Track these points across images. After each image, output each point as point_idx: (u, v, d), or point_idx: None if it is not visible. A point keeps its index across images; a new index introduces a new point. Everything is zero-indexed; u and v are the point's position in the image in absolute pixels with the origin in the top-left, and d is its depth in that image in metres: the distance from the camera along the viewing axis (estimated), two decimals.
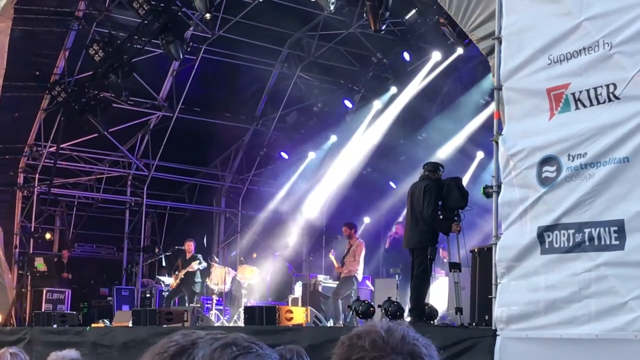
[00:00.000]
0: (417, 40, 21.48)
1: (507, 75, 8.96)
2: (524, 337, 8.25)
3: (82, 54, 21.00)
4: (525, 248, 8.38)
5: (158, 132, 24.34)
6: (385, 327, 2.24)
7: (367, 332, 2.22)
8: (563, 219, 8.08)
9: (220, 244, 26.24)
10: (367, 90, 24.12)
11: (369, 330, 2.23)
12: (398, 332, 2.22)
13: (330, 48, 23.03)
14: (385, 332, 2.21)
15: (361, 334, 2.22)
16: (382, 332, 2.21)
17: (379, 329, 2.22)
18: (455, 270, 12.02)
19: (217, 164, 26.68)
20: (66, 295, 20.82)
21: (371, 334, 2.21)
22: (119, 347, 14.33)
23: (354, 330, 2.28)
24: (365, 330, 2.24)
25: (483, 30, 9.76)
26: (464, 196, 12.35)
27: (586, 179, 7.95)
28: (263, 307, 14.76)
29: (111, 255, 26.14)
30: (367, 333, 2.22)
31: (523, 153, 8.58)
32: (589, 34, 8.12)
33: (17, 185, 22.79)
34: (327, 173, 25.01)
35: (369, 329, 2.24)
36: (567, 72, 8.27)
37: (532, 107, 8.64)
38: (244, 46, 22.79)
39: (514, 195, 8.62)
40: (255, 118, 25.56)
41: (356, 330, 2.28)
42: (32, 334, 16.52)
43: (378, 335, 2.20)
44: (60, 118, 21.89)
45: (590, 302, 7.75)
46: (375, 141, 23.90)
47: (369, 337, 2.20)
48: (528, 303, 8.26)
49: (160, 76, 23.48)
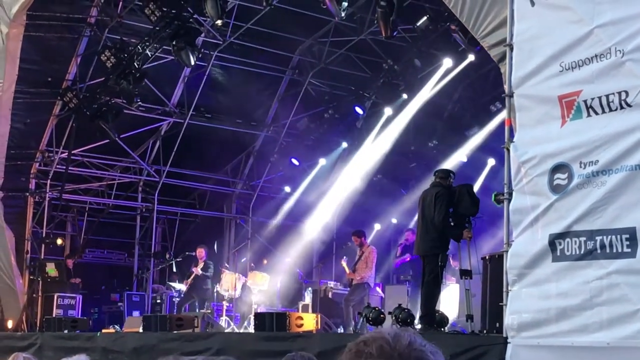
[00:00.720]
0: (429, 47, 21.45)
1: (519, 82, 8.94)
2: (535, 344, 8.22)
3: (93, 60, 21.07)
4: (536, 255, 8.35)
5: (169, 139, 24.39)
6: (392, 333, 2.25)
7: (374, 339, 2.23)
8: (574, 226, 8.05)
9: (231, 250, 26.29)
10: (378, 97, 24.09)
11: (375, 337, 2.24)
12: (405, 338, 2.23)
13: (341, 55, 23.05)
14: (392, 338, 2.22)
15: (368, 341, 2.24)
16: (389, 339, 2.22)
17: (385, 336, 2.23)
18: (466, 277, 11.99)
19: (228, 171, 26.70)
20: (77, 300, 20.86)
21: (378, 341, 2.22)
22: (129, 353, 14.34)
23: (361, 337, 2.29)
24: (372, 337, 2.25)
25: (494, 37, 9.76)
26: (475, 203, 12.33)
27: (598, 187, 7.92)
28: (273, 313, 14.75)
29: (122, 261, 26.19)
30: (374, 340, 2.23)
31: (534, 160, 8.56)
32: (600, 41, 8.10)
33: (29, 190, 22.85)
34: (338, 179, 25.01)
35: (376, 336, 2.25)
36: (579, 79, 8.24)
37: (543, 114, 8.61)
38: (255, 53, 22.83)
39: (526, 203, 8.59)
40: (266, 124, 25.59)
41: (363, 337, 2.29)
42: (43, 340, 16.54)
43: (385, 341, 2.21)
44: (71, 124, 21.96)
45: (601, 310, 7.72)
46: (386, 148, 23.87)
47: (375, 344, 2.21)
48: (539, 310, 8.23)
49: (171, 82, 23.54)
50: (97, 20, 21.09)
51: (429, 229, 12.68)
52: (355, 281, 17.80)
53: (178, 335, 14.26)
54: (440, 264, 12.36)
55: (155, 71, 21.45)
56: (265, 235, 26.15)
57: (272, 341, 12.25)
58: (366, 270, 17.68)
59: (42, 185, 23.32)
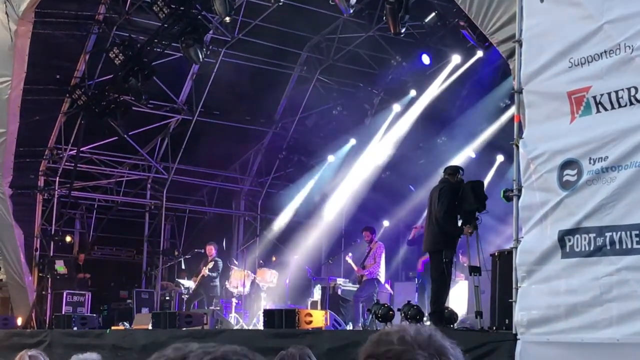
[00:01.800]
0: (437, 44, 21.43)
1: (528, 78, 8.92)
2: (545, 341, 8.21)
3: (102, 57, 21.08)
4: (546, 252, 8.33)
5: (177, 136, 24.40)
6: (414, 327, 2.35)
7: (396, 331, 2.34)
8: (584, 222, 8.04)
9: (240, 247, 26.30)
10: (387, 94, 24.09)
11: (398, 329, 2.34)
12: (426, 332, 2.33)
13: (349, 51, 23.03)
14: (413, 331, 2.32)
15: (390, 332, 2.34)
16: (410, 331, 2.32)
17: (407, 328, 2.34)
18: (475, 274, 11.97)
19: (237, 168, 26.72)
20: (86, 297, 20.90)
21: (400, 332, 2.32)
22: (138, 350, 14.36)
23: (385, 328, 2.41)
24: (395, 329, 2.36)
25: (503, 33, 9.73)
26: (478, 199, 12.26)
27: (607, 183, 7.90)
28: (282, 310, 14.75)
29: (131, 258, 26.23)
30: (396, 331, 2.33)
31: (544, 156, 8.54)
32: (610, 37, 8.08)
33: (38, 188, 22.89)
34: (346, 176, 25.00)
35: (398, 328, 2.35)
36: (588, 75, 8.22)
37: (552, 110, 8.60)
38: (264, 49, 22.82)
39: (535, 199, 8.58)
40: (275, 121, 25.59)
41: (386, 328, 2.41)
42: (52, 337, 16.59)
43: (407, 333, 2.31)
44: (80, 121, 21.98)
45: (611, 306, 7.70)
46: (394, 144, 23.86)
47: (397, 335, 2.31)
48: (549, 307, 8.22)
49: (180, 79, 23.55)
50: (105, 18, 21.10)
51: (433, 225, 12.73)
52: (365, 277, 17.81)
53: (187, 332, 14.29)
54: (444, 260, 12.35)
55: (164, 68, 21.45)
56: (273, 232, 26.15)
57: (281, 338, 12.25)
58: (375, 266, 17.69)
59: (50, 183, 23.35)
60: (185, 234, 26.42)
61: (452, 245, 12.55)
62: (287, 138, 25.74)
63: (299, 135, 25.63)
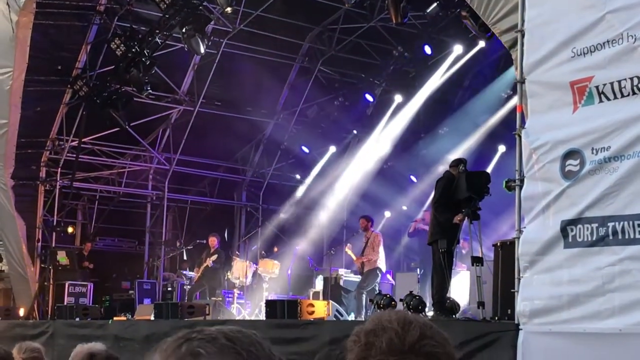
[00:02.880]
0: (439, 34, 21.41)
1: (530, 68, 8.90)
2: (547, 331, 8.21)
3: (103, 48, 21.08)
4: (548, 242, 8.32)
5: (179, 126, 24.40)
6: (401, 321, 2.19)
7: (383, 329, 2.17)
8: (586, 212, 8.02)
9: (242, 238, 26.31)
10: (388, 84, 24.06)
11: (385, 327, 2.18)
12: (415, 329, 2.17)
13: (351, 42, 23.01)
14: (401, 329, 2.16)
15: (377, 330, 2.18)
16: (398, 329, 2.16)
17: (395, 326, 2.17)
18: (477, 264, 11.96)
19: (238, 158, 26.73)
20: (88, 288, 20.91)
21: (387, 332, 2.16)
22: (141, 340, 14.37)
23: (369, 321, 2.24)
24: (380, 325, 2.20)
25: (505, 23, 9.70)
26: (470, 187, 12.24)
27: (610, 173, 7.88)
28: (284, 300, 14.76)
29: (133, 249, 26.25)
30: (383, 330, 2.17)
31: (546, 146, 8.52)
32: (612, 26, 8.05)
33: (40, 179, 22.89)
34: (348, 167, 24.99)
35: (385, 325, 2.19)
36: (591, 65, 8.20)
37: (555, 100, 8.58)
38: (265, 40, 22.79)
39: (537, 189, 8.57)
40: (276, 112, 25.58)
41: (372, 322, 2.23)
42: (54, 327, 16.60)
43: (394, 332, 2.16)
44: (82, 112, 21.98)
45: (614, 296, 7.69)
46: (396, 135, 23.84)
47: (385, 336, 2.16)
48: (551, 297, 8.21)
49: (181, 70, 23.54)
50: (107, 8, 21.09)
51: (432, 216, 12.92)
52: (366, 267, 17.78)
53: (189, 322, 14.29)
54: (440, 250, 12.39)
55: (165, 59, 21.44)
56: (275, 223, 26.17)
57: (283, 328, 12.26)
58: (374, 254, 17.68)
59: (52, 174, 23.36)
60: (187, 225, 26.43)
61: (448, 236, 12.52)
62: (288, 129, 25.73)
63: (300, 126, 25.63)
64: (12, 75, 19.12)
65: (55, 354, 14.35)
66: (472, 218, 12.12)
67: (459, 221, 12.32)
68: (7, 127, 19.92)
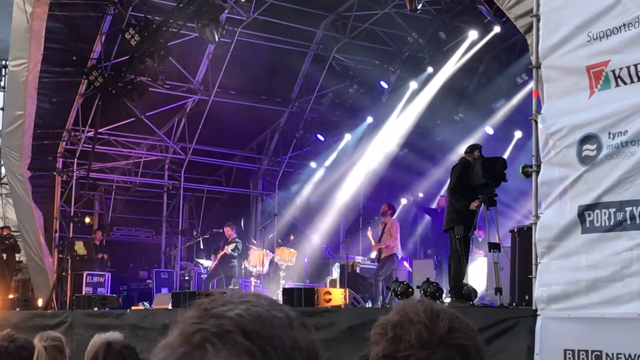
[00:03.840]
0: (453, 20, 21.30)
1: (546, 53, 8.86)
2: (565, 316, 8.19)
3: (118, 38, 21.08)
4: (565, 227, 8.30)
5: (194, 116, 24.42)
6: (428, 313, 2.14)
7: (411, 323, 2.13)
8: (604, 197, 7.99)
9: (258, 226, 26.34)
10: (403, 71, 23.98)
11: (412, 319, 2.14)
12: (443, 321, 2.12)
13: (365, 29, 22.95)
14: (429, 321, 2.12)
15: (404, 324, 2.13)
16: (427, 322, 2.12)
17: (423, 319, 2.13)
18: (495, 250, 11.93)
19: (254, 147, 26.74)
20: (106, 278, 20.99)
21: (416, 325, 2.12)
22: (159, 329, 14.41)
23: (395, 313, 2.19)
24: (408, 318, 2.15)
25: (521, 8, 9.65)
26: (486, 173, 12.19)
27: (627, 157, 7.84)
28: (302, 288, 14.78)
29: (150, 238, 26.31)
30: (411, 323, 2.13)
31: (563, 132, 8.49)
32: (628, 10, 8.00)
33: (56, 170, 22.96)
34: (364, 154, 24.95)
35: (412, 317, 2.14)
36: (607, 49, 8.16)
37: (571, 85, 8.54)
38: (279, 28, 22.76)
39: (554, 175, 8.54)
40: (291, 100, 25.57)
41: (398, 314, 2.18)
42: (73, 317, 16.68)
43: (423, 326, 2.11)
44: (97, 103, 22.02)
45: (632, 281, 7.67)
46: (411, 122, 23.78)
47: (414, 330, 2.11)
48: (569, 283, 8.19)
49: (196, 60, 23.54)
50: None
51: (448, 203, 12.89)
52: (383, 254, 17.75)
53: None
54: (457, 236, 12.36)
55: (180, 48, 21.44)
56: (291, 212, 26.19)
57: None
58: (392, 240, 17.66)
59: (69, 164, 23.43)
60: (203, 214, 26.47)
61: (464, 222, 12.48)
62: (303, 117, 25.71)
63: (315, 114, 25.61)
64: (28, 66, 19.21)
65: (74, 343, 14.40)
66: (488, 204, 12.08)
67: (475, 207, 12.29)
68: (23, 119, 20.02)
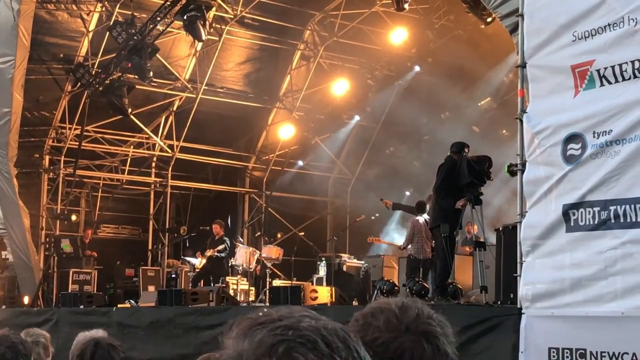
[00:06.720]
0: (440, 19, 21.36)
1: (531, 52, 8.89)
2: (550, 315, 8.23)
3: (105, 36, 21.04)
4: (550, 226, 8.33)
5: (182, 114, 24.40)
6: (399, 304, 2.20)
7: (381, 310, 2.19)
8: (588, 196, 8.03)
9: (245, 224, 26.32)
10: (390, 70, 24.03)
11: (383, 308, 2.20)
12: (412, 310, 2.18)
13: (353, 27, 22.97)
14: (399, 310, 2.18)
15: (375, 312, 2.19)
16: (396, 311, 2.17)
17: (392, 307, 2.19)
18: (480, 249, 11.98)
19: (241, 145, 26.70)
20: (92, 276, 20.95)
21: (385, 312, 2.18)
22: (145, 327, 14.43)
23: (368, 306, 2.25)
24: (379, 308, 2.21)
25: (506, 7, 9.69)
26: (471, 172, 12.23)
27: (612, 156, 7.88)
28: (288, 286, 14.81)
29: (136, 236, 26.27)
30: (381, 311, 2.19)
31: (548, 130, 8.52)
32: (613, 10, 8.04)
33: (43, 167, 22.91)
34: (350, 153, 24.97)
35: (383, 307, 2.21)
36: (592, 48, 8.19)
37: (556, 84, 8.57)
38: (267, 26, 22.76)
39: (539, 173, 8.57)
40: (279, 98, 25.55)
41: (370, 307, 2.24)
42: (59, 315, 16.66)
43: (392, 313, 2.17)
44: (84, 100, 21.98)
45: (616, 280, 7.71)
46: (398, 121, 23.81)
47: (383, 316, 2.17)
48: (553, 281, 8.23)
49: (183, 57, 23.51)
50: None
51: (434, 201, 12.91)
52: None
53: (193, 309, 14.33)
54: (442, 235, 12.38)
55: (167, 46, 21.41)
56: (279, 209, 26.17)
57: None
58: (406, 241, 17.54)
59: (55, 162, 23.38)
60: (190, 212, 26.42)
61: (450, 220, 12.51)
62: (291, 115, 25.70)
63: (303, 112, 25.60)
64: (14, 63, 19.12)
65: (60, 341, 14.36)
66: (474, 203, 12.13)
67: (461, 206, 12.32)
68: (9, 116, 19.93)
